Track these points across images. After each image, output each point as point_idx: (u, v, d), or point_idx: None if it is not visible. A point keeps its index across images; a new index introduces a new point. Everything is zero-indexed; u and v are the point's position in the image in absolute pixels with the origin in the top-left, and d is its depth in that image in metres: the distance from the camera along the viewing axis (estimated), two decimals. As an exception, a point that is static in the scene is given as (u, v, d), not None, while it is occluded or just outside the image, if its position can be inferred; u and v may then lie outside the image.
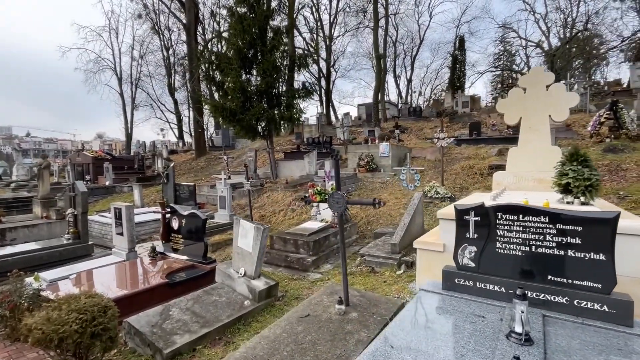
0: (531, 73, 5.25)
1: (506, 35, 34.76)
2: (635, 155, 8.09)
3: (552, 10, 30.96)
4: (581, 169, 3.22)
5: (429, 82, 41.63)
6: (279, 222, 8.27)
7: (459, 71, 33.69)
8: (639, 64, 19.75)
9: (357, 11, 30.58)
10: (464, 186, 8.49)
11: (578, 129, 12.00)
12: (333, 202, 3.10)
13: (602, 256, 2.29)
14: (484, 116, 18.50)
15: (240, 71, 12.05)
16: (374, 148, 11.51)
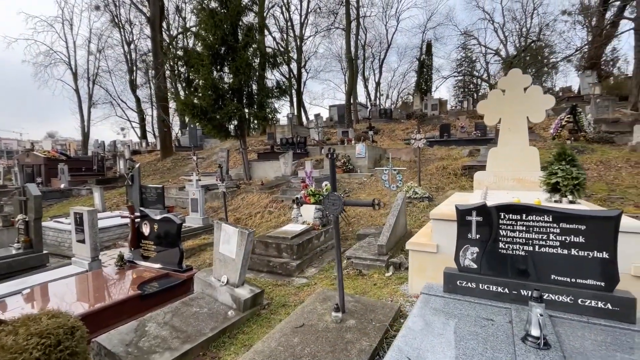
0: (509, 75, 5.38)
1: (468, 42, 36.49)
2: (595, 156, 8.66)
3: (509, 21, 32.99)
4: (569, 168, 3.28)
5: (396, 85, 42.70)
6: (256, 225, 7.95)
7: (426, 75, 34.84)
8: (588, 73, 21.41)
9: (328, 13, 30.70)
10: (439, 186, 8.64)
11: (539, 131, 12.71)
12: (329, 203, 2.92)
13: (606, 254, 2.29)
14: (452, 118, 19.16)
15: (212, 68, 11.54)
16: (350, 149, 11.47)
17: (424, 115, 22.21)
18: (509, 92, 5.27)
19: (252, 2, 12.61)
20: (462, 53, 37.77)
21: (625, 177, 7.36)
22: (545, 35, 31.51)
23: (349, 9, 21.95)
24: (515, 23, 33.02)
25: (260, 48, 12.04)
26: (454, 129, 15.58)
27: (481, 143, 12.18)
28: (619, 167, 7.90)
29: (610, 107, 14.57)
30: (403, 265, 4.41)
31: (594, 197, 6.34)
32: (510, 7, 32.09)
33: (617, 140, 10.60)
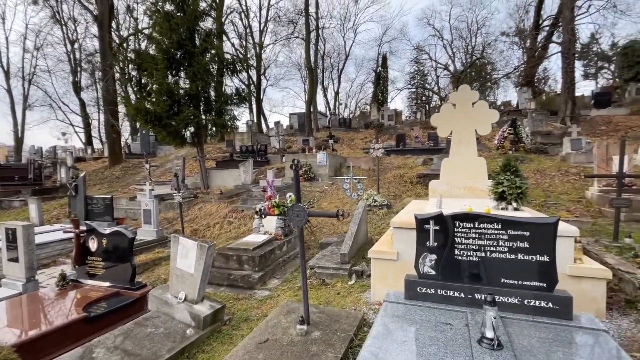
0: (459, 91, 5.77)
1: (420, 57, 38.67)
2: (532, 165, 9.54)
3: (456, 38, 35.59)
4: (513, 178, 3.57)
5: (354, 95, 43.89)
6: (214, 236, 7.66)
7: (382, 86, 36.24)
8: (524, 89, 23.62)
9: (287, 22, 30.93)
10: (397, 194, 8.96)
11: (485, 142, 13.74)
12: (293, 215, 2.91)
13: (546, 257, 2.51)
14: (407, 129, 20.06)
15: (167, 72, 11.07)
16: (312, 157, 11.54)
17: (381, 125, 23.02)
18: (459, 106, 5.65)
19: (210, 7, 12.35)
20: (414, 66, 39.87)
21: (558, 185, 8.18)
22: (488, 53, 34.52)
23: (308, 20, 22.30)
24: (461, 41, 35.74)
25: (218, 54, 11.78)
26: (409, 139, 16.32)
27: (434, 152, 12.89)
28: (552, 175, 8.76)
29: (543, 120, 16.18)
30: (365, 273, 4.49)
31: (533, 203, 6.95)
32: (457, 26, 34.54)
33: (550, 150, 11.78)
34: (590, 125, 15.98)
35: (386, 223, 6.71)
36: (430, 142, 14.96)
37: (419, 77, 40.86)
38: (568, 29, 16.92)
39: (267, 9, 29.65)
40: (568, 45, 17.00)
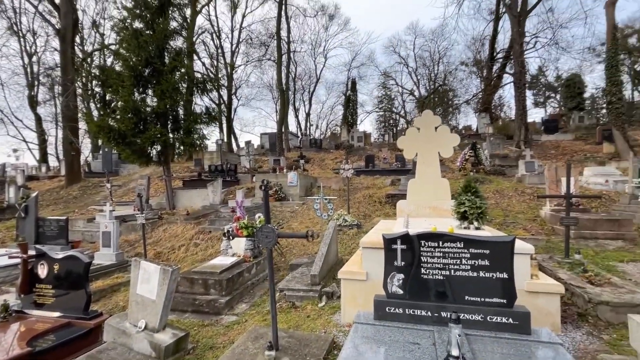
0: (423, 115, 6.09)
1: (387, 82, 40.53)
2: (492, 186, 10.10)
3: (420, 66, 37.72)
4: (474, 198, 3.76)
5: (325, 116, 44.84)
6: (179, 259, 7.32)
7: (352, 109, 37.38)
8: (482, 115, 25.28)
9: (259, 44, 31.43)
10: (367, 213, 9.10)
11: (449, 164, 14.42)
12: (262, 236, 2.87)
13: (505, 274, 2.64)
14: (375, 150, 20.65)
15: (133, 89, 10.77)
16: (282, 177, 11.52)
17: (350, 146, 23.55)
18: (423, 130, 5.95)
19: (181, 27, 12.32)
20: (382, 91, 41.63)
21: (515, 204, 8.70)
22: (449, 81, 36.94)
23: (280, 43, 22.81)
24: (425, 69, 37.96)
25: (188, 73, 11.67)
26: (377, 160, 16.78)
27: (401, 173, 13.32)
28: (510, 195, 9.31)
29: (500, 144, 17.31)
30: (335, 294, 4.46)
31: (493, 222, 7.31)
32: (421, 55, 36.70)
33: (507, 172, 12.56)
34: (542, 149, 17.30)
35: (356, 243, 6.76)
36: (398, 164, 15.47)
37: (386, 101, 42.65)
38: (518, 61, 18.56)
39: (239, 31, 30.05)
40: (519, 76, 18.58)
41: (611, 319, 3.33)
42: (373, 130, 41.99)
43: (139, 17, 11.09)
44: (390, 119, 44.42)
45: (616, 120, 14.34)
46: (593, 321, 3.37)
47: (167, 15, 11.43)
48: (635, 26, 31.52)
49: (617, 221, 6.32)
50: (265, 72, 37.09)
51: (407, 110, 41.83)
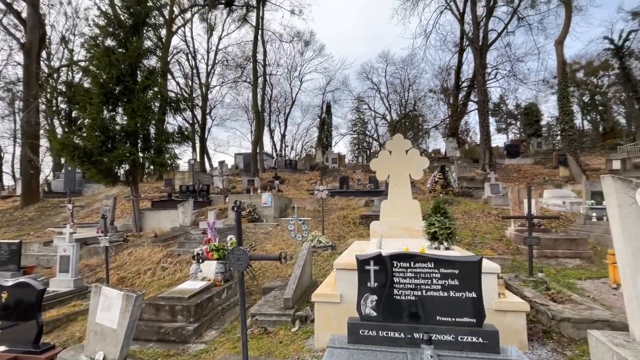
0: (394, 139, 6.30)
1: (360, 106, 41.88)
2: (460, 207, 10.47)
3: (392, 92, 39.46)
4: (443, 219, 3.88)
5: (300, 138, 45.25)
6: (145, 284, 6.92)
7: (327, 132, 38.08)
8: (450, 139, 26.50)
9: (235, 66, 31.67)
10: (341, 234, 9.10)
11: (420, 186, 14.86)
12: (234, 259, 2.79)
13: (474, 294, 2.70)
14: (349, 172, 20.97)
15: (102, 107, 10.44)
16: (257, 198, 11.37)
17: (325, 167, 23.78)
18: (394, 153, 6.14)
19: (155, 47, 12.24)
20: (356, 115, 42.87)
21: (482, 225, 9.03)
22: (419, 106, 38.79)
23: (256, 66, 23.10)
24: (396, 94, 39.76)
25: (161, 92, 11.51)
26: (351, 181, 17.01)
27: (375, 194, 13.54)
28: (477, 216, 9.68)
29: (467, 167, 18.13)
30: (309, 318, 4.36)
31: (463, 243, 7.53)
32: (392, 81, 38.50)
33: (474, 194, 13.11)
34: (505, 172, 18.27)
35: (330, 264, 6.70)
36: (371, 185, 15.75)
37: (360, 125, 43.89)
38: (481, 90, 19.87)
39: (215, 52, 30.22)
40: (482, 104, 19.82)
41: (573, 334, 3.47)
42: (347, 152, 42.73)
43: (111, 35, 10.94)
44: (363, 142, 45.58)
45: (569, 147, 15.50)
46: (557, 338, 3.50)
47: (141, 34, 11.35)
48: (582, 62, 34.91)
49: (574, 240, 6.70)
50: (241, 93, 37.29)
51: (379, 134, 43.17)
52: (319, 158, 28.15)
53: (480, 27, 20.82)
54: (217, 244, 3.05)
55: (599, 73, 34.69)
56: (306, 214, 10.98)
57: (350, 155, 40.77)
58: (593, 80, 35.77)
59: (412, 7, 24.86)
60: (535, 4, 22.53)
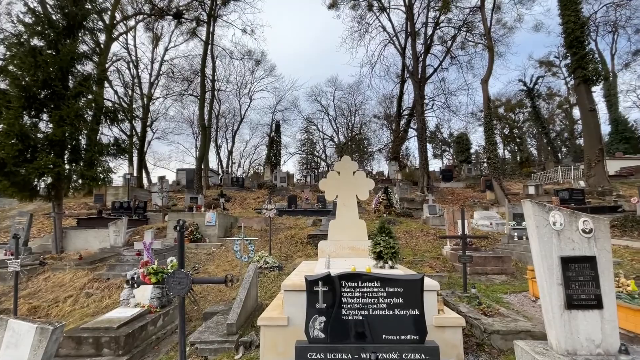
0: (342, 161, 6.50)
1: (309, 127, 42.78)
2: (402, 227, 11.01)
3: (339, 115, 40.99)
4: (388, 239, 4.04)
5: (248, 155, 44.47)
6: (64, 314, 6.06)
7: (275, 150, 38.00)
8: (392, 163, 28.08)
9: (182, 79, 30.49)
10: (289, 254, 8.97)
11: (365, 206, 15.37)
12: (174, 283, 2.59)
13: (417, 311, 2.82)
14: (298, 191, 21.01)
15: (23, 112, 9.28)
16: (200, 216, 10.80)
17: (273, 186, 23.56)
18: (342, 174, 6.31)
19: (92, 52, 11.34)
20: (305, 135, 43.64)
21: (422, 244, 9.57)
22: (364, 130, 40.75)
23: (204, 81, 22.50)
24: (344, 118, 41.39)
25: (97, 100, 10.61)
26: (300, 201, 17.03)
27: (323, 214, 13.68)
28: (417, 236, 10.24)
29: (408, 189, 19.25)
30: (254, 344, 4.16)
31: (404, 261, 7.88)
32: (340, 105, 40.16)
33: (414, 214, 13.89)
34: (441, 194, 19.73)
35: (278, 286, 6.54)
36: (319, 205, 15.92)
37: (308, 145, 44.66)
38: (420, 119, 21.56)
39: (160, 63, 28.88)
40: (421, 132, 21.48)
41: (502, 346, 3.76)
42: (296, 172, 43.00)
43: (39, 35, 9.91)
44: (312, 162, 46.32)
45: (494, 173, 17.35)
46: (488, 349, 3.76)
47: (76, 37, 10.48)
48: (502, 100, 39.93)
49: (500, 258, 7.39)
50: (187, 106, 35.84)
51: (327, 154, 44.29)
52: (267, 176, 27.84)
53: (419, 61, 22.86)
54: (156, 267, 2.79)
55: (515, 110, 40.01)
56: (253, 233, 10.68)
57: (299, 174, 41.06)
58: (511, 116, 41.07)
59: (359, 38, 26.61)
60: (464, 46, 25.47)
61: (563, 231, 2.74)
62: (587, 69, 17.71)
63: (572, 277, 2.67)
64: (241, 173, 41.38)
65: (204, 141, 22.26)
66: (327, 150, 44.01)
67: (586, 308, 2.64)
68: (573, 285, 2.66)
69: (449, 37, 24.85)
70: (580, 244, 2.72)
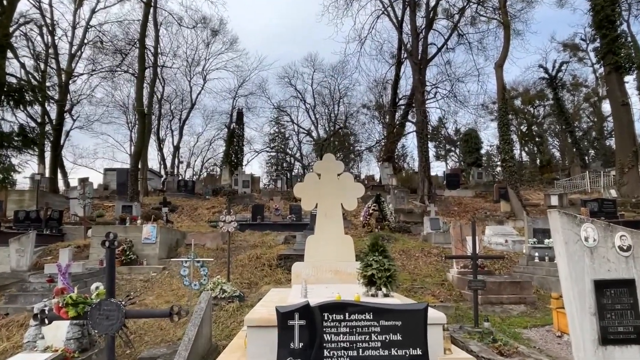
0: (325, 159, 6.53)
1: (281, 118, 42.67)
2: (398, 245, 11.15)
3: (319, 104, 41.15)
4: (382, 259, 4.07)
5: (200, 152, 43.81)
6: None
7: (237, 146, 37.66)
8: (386, 165, 28.54)
9: (114, 50, 29.70)
10: (253, 280, 8.87)
11: (351, 218, 15.49)
12: (101, 317, 2.48)
13: (419, 350, 2.84)
14: (265, 199, 20.88)
15: None
16: (135, 231, 10.54)
17: (234, 192, 23.29)
18: (324, 177, 6.32)
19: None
20: (275, 127, 43.46)
21: (422, 267, 9.72)
22: (351, 124, 41.03)
23: (143, 53, 22.01)
24: (324, 107, 41.55)
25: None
26: (268, 211, 16.92)
27: (297, 228, 13.64)
28: (417, 256, 10.40)
29: (405, 198, 19.58)
30: (206, 397, 4.05)
31: (401, 288, 7.96)
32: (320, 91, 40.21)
33: (412, 230, 14.13)
34: (445, 204, 20.21)
35: (238, 321, 6.44)
36: (293, 216, 15.86)
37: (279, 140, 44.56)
38: (420, 110, 22.06)
39: (85, 29, 27.98)
40: (421, 126, 21.98)
41: (521, 393, 3.85)
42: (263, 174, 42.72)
43: None
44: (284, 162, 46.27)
45: (510, 179, 17.98)
46: (505, 398, 3.84)
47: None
48: (519, 89, 41.47)
49: (519, 284, 7.62)
50: (119, 87, 34.92)
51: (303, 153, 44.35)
52: (225, 180, 27.49)
53: (419, 39, 23.44)
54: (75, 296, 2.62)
55: (535, 102, 41.58)
56: (206, 253, 10.51)
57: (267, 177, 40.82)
58: (530, 110, 42.66)
59: (346, 7, 26.72)
60: (475, 22, 26.37)
61: (597, 248, 2.83)
62: (619, 55, 18.75)
63: (608, 305, 2.76)
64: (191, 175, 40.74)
65: (142, 133, 21.71)
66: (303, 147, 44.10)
67: (624, 343, 2.73)
68: (608, 316, 2.75)
69: (456, 10, 25.67)
70: (617, 264, 2.83)
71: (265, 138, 43.31)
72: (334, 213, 6.23)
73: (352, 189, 6.32)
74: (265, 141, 43.35)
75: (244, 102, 40.10)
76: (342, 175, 6.39)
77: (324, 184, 6.30)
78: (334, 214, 6.23)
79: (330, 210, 6.24)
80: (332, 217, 6.23)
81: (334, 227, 6.19)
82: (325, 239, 6.12)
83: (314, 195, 6.27)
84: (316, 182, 6.33)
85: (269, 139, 43.34)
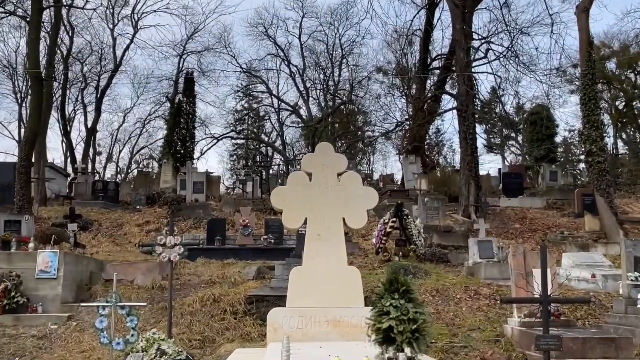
0: (318, 151, 6.52)
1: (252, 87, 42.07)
2: (430, 282, 11.14)
3: (310, 66, 40.36)
4: (405, 303, 4.03)
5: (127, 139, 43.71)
6: None
7: (185, 128, 37.42)
8: (411, 159, 28.57)
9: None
10: (208, 336, 8.82)
11: (358, 240, 15.50)
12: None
13: None
14: (228, 210, 20.86)
15: None
16: (25, 260, 10.54)
17: (179, 199, 23.23)
18: (318, 177, 6.29)
19: None
20: (243, 102, 43.20)
21: (466, 315, 9.71)
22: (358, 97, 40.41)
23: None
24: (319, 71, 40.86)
25: None
26: (232, 229, 16.87)
27: (277, 255, 13.62)
28: (458, 298, 10.40)
29: (440, 210, 19.65)
30: None
31: (434, 347, 7.96)
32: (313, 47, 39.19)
33: (452, 258, 14.17)
34: (501, 219, 20.26)
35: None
36: (270, 237, 15.80)
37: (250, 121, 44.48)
38: (464, 76, 22.01)
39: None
40: (465, 100, 21.93)
41: None
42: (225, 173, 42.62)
43: None
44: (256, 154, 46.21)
45: (599, 182, 17.98)
46: None
47: None
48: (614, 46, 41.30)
49: (613, 341, 7.62)
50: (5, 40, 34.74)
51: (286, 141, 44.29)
52: (166, 181, 27.43)
53: (463, -34, 23.43)
54: None
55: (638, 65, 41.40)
56: (136, 294, 10.49)
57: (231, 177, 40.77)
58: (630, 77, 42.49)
59: None
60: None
61: None
62: None
63: None
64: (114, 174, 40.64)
65: (37, 108, 21.58)
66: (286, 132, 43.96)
67: None
68: None
69: None
70: None
71: (228, 117, 43.03)
72: (331, 233, 6.22)
73: (360, 196, 6.31)
74: (229, 122, 43.11)
75: (196, 63, 39.92)
76: (345, 175, 6.39)
77: (316, 188, 6.28)
78: (331, 234, 6.22)
79: (326, 229, 6.22)
80: (329, 238, 6.21)
81: (332, 254, 6.17)
82: (319, 271, 6.10)
83: (301, 205, 6.26)
84: (305, 185, 6.31)
85: (234, 119, 43.14)
